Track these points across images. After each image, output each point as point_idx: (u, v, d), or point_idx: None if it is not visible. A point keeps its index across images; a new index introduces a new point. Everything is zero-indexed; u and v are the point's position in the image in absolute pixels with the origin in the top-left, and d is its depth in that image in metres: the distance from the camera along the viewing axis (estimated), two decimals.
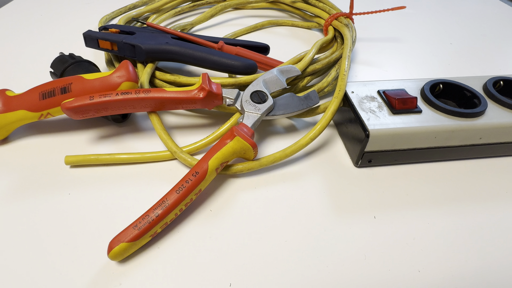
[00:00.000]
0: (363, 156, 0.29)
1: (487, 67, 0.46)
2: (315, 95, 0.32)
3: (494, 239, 0.25)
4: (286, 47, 0.48)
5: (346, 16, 0.44)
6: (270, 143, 0.33)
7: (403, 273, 0.23)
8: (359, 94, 0.32)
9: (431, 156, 0.31)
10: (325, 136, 0.34)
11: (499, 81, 0.33)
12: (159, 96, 0.30)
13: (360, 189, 0.29)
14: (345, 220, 0.26)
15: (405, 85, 0.33)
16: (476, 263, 0.24)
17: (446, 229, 0.26)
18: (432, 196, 0.28)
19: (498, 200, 0.28)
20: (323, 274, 0.23)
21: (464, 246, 0.25)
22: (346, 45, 0.38)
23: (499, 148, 0.31)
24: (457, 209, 0.27)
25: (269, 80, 0.32)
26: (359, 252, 0.24)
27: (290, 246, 0.24)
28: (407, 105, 0.29)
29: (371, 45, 0.50)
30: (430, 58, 0.47)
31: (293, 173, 0.30)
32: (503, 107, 0.30)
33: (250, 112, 0.30)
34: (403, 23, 0.57)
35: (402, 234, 0.25)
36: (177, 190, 0.24)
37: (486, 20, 0.58)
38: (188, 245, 0.24)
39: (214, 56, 0.35)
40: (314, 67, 0.36)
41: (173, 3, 0.52)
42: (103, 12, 0.55)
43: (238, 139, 0.27)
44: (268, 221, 0.26)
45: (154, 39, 0.37)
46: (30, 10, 0.57)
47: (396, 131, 0.28)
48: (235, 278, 0.23)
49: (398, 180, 0.30)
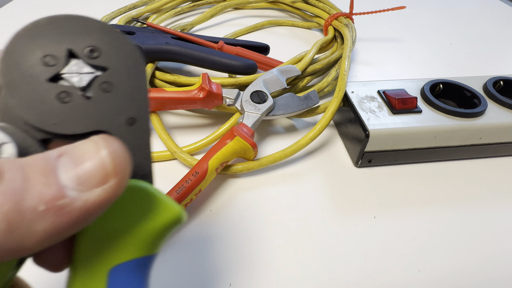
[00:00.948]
0: (363, 156, 0.29)
1: (487, 67, 0.46)
2: (315, 95, 0.32)
3: (494, 239, 0.25)
4: (286, 47, 0.48)
5: (346, 16, 0.44)
6: (270, 143, 0.33)
7: (403, 273, 0.23)
8: (359, 94, 0.32)
9: (431, 156, 0.31)
10: (325, 136, 0.34)
11: (499, 81, 0.33)
12: (159, 96, 0.30)
13: (360, 189, 0.29)
14: (345, 220, 0.26)
15: (405, 85, 0.33)
16: (476, 263, 0.24)
17: (446, 229, 0.26)
18: (432, 196, 0.28)
19: (498, 200, 0.28)
20: (323, 274, 0.23)
21: (464, 246, 0.25)
22: (346, 45, 0.38)
23: (499, 148, 0.31)
24: (457, 209, 0.27)
25: (269, 80, 0.32)
26: (359, 252, 0.24)
27: (290, 246, 0.24)
28: (407, 105, 0.29)
29: (371, 45, 0.50)
30: (430, 58, 0.47)
31: (293, 173, 0.30)
32: (503, 107, 0.30)
33: (250, 112, 0.30)
34: (403, 23, 0.57)
35: (402, 234, 0.25)
36: (177, 190, 0.24)
37: (486, 20, 0.58)
38: (188, 246, 0.24)
39: (214, 56, 0.35)
40: (314, 67, 0.36)
41: (173, 3, 0.52)
42: (103, 12, 0.55)
43: (238, 139, 0.27)
44: (268, 221, 0.26)
45: (154, 39, 0.37)
46: (30, 10, 0.57)
47: (396, 131, 0.28)
48: (235, 278, 0.23)
49: (398, 180, 0.30)
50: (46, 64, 0.11)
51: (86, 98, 0.12)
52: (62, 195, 0.09)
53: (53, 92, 0.11)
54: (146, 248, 0.11)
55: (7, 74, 0.11)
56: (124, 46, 0.12)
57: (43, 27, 0.11)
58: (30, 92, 0.11)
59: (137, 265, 0.11)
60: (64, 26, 0.12)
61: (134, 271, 0.11)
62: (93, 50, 0.12)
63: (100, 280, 0.11)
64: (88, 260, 0.11)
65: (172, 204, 0.12)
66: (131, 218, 0.11)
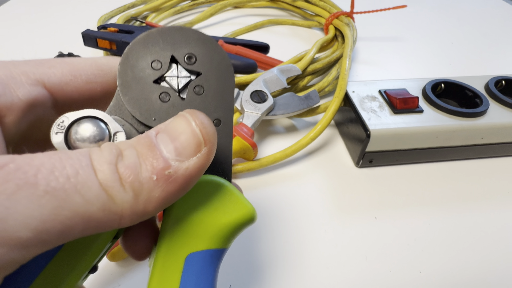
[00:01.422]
0: (364, 156, 0.29)
1: (488, 66, 0.46)
2: (315, 94, 0.32)
3: (496, 240, 0.25)
4: (286, 46, 0.48)
5: (347, 15, 0.44)
6: (270, 143, 0.33)
7: (404, 274, 0.23)
8: (360, 93, 0.31)
9: (432, 156, 0.30)
10: (325, 136, 0.34)
11: (501, 81, 0.32)
12: None
13: (361, 189, 0.28)
14: (346, 221, 0.26)
15: (407, 84, 0.32)
16: (477, 264, 0.24)
17: (448, 230, 0.26)
18: (433, 197, 0.28)
19: (500, 200, 0.28)
20: (324, 275, 0.23)
21: (465, 247, 0.25)
22: (347, 44, 0.37)
23: (500, 148, 0.31)
24: (459, 210, 0.27)
25: (269, 80, 0.32)
26: (360, 253, 0.24)
27: (290, 247, 0.24)
28: (409, 104, 0.29)
29: (372, 44, 0.50)
30: (432, 58, 0.47)
31: (293, 174, 0.30)
32: (505, 106, 0.30)
33: (250, 111, 0.29)
34: (404, 22, 0.56)
35: (403, 235, 0.25)
36: None
37: (488, 19, 0.58)
38: None
39: None
40: (314, 67, 0.36)
41: (172, 2, 0.52)
42: (102, 11, 0.55)
43: (238, 139, 0.27)
44: (268, 221, 0.26)
45: None
46: (29, 9, 0.57)
47: (397, 131, 0.28)
48: (235, 279, 0.22)
49: (399, 180, 0.29)
50: (153, 68, 0.13)
51: (182, 99, 0.14)
52: (167, 165, 0.11)
53: (156, 92, 0.13)
54: (220, 241, 0.13)
55: (123, 75, 0.13)
56: (217, 55, 0.14)
57: (154, 37, 0.14)
58: (138, 91, 0.13)
59: (211, 256, 0.13)
60: (170, 36, 0.14)
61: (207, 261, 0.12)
62: (190, 57, 0.14)
63: (178, 264, 0.12)
64: (170, 245, 0.12)
65: (247, 203, 0.13)
66: (209, 210, 0.13)
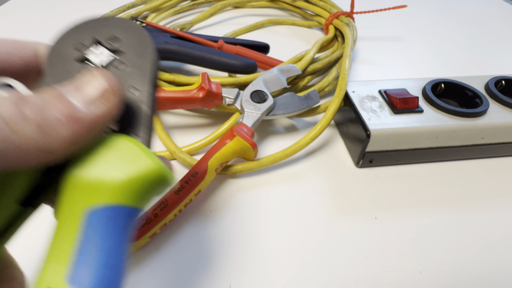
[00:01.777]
0: (364, 156, 0.29)
1: (488, 66, 0.46)
2: (315, 94, 0.31)
3: (496, 240, 0.25)
4: (286, 46, 0.48)
5: (347, 15, 0.44)
6: (270, 143, 0.33)
7: (404, 274, 0.23)
8: (360, 93, 0.31)
9: (432, 156, 0.30)
10: (325, 136, 0.34)
11: (501, 81, 0.32)
12: (158, 96, 0.30)
13: (361, 189, 0.28)
14: (346, 221, 0.26)
15: (407, 84, 0.32)
16: (477, 264, 0.24)
17: (448, 230, 0.26)
18: (433, 197, 0.28)
19: (500, 200, 0.28)
20: (324, 275, 0.23)
21: (466, 247, 0.25)
22: (347, 44, 0.37)
23: (501, 148, 0.31)
24: (459, 210, 0.27)
25: (269, 80, 0.32)
26: (360, 253, 0.24)
27: (290, 247, 0.24)
28: (409, 104, 0.29)
29: (372, 44, 0.50)
30: (432, 58, 0.47)
31: (293, 174, 0.30)
32: (505, 106, 0.30)
33: (250, 111, 0.29)
34: (404, 22, 0.56)
35: (403, 235, 0.25)
36: (176, 191, 0.24)
37: (488, 19, 0.58)
38: (188, 246, 0.24)
39: (214, 55, 0.35)
40: (314, 67, 0.36)
41: (172, 2, 0.52)
42: (102, 11, 0.55)
43: (238, 139, 0.27)
44: (268, 222, 0.26)
45: (153, 38, 0.36)
46: (29, 9, 0.57)
47: (397, 131, 0.28)
48: (235, 279, 0.22)
49: (400, 180, 0.29)
50: (76, 49, 0.15)
51: None
52: (76, 110, 0.12)
53: (79, 70, 0.14)
54: (124, 196, 0.12)
55: (49, 61, 0.14)
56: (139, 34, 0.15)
57: (80, 25, 0.15)
58: (62, 69, 0.14)
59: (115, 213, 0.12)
60: (95, 23, 0.15)
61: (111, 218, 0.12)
62: (113, 38, 0.15)
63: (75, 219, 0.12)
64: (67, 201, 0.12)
65: (156, 160, 0.13)
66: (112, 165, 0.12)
